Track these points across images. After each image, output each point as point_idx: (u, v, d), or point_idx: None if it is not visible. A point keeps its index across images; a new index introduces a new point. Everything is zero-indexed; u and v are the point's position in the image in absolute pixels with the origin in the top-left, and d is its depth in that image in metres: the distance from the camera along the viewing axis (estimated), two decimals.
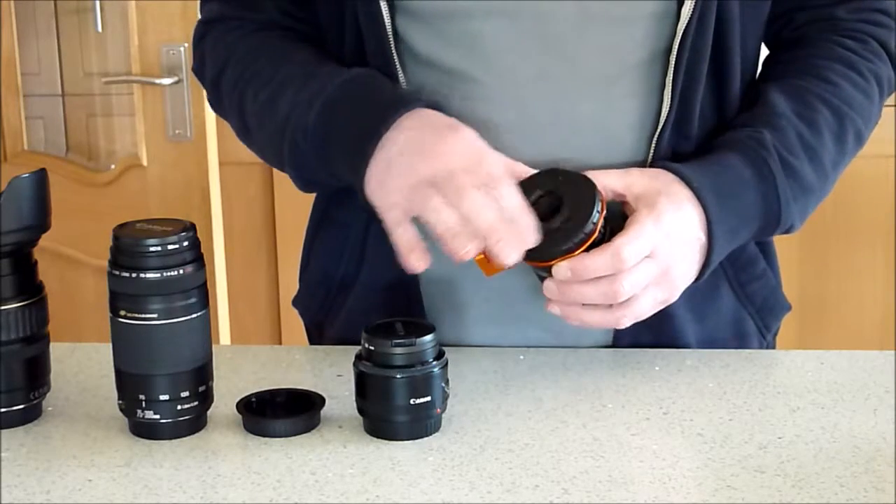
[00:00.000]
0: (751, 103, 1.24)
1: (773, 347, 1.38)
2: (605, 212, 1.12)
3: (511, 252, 1.08)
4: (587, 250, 1.11)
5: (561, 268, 1.11)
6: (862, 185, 2.59)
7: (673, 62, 1.18)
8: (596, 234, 1.11)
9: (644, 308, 1.15)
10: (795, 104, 1.22)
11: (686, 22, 1.17)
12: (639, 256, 1.11)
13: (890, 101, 1.31)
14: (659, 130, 1.20)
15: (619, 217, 1.15)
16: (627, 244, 1.11)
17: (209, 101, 1.34)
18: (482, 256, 1.11)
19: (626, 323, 1.15)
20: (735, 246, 1.20)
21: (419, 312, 1.26)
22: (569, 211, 1.11)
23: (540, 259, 1.12)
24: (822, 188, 1.23)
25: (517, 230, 1.09)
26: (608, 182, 1.14)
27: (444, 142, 1.12)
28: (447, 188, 1.09)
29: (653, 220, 1.12)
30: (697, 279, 1.18)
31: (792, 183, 1.19)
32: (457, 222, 1.08)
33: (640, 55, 1.19)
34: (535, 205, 1.12)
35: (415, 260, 1.12)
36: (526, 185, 1.14)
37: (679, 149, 1.22)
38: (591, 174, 1.14)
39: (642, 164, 1.21)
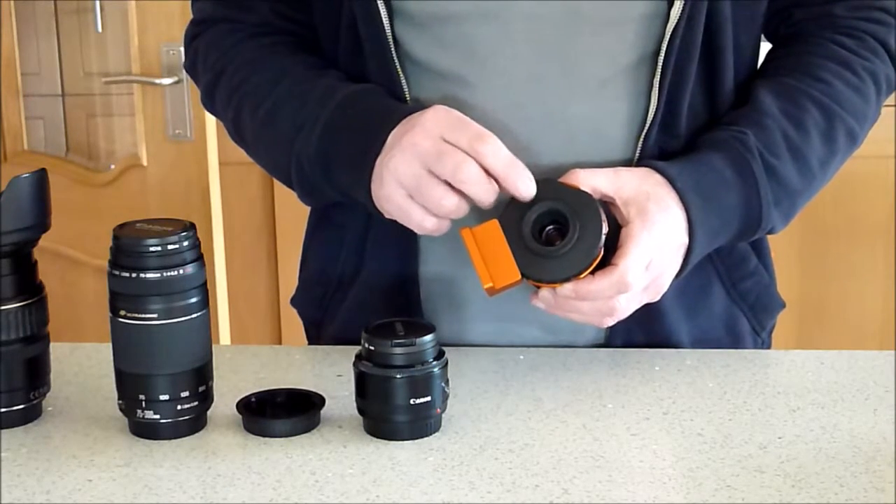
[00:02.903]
0: (741, 101, 1.24)
1: (769, 345, 1.38)
2: (607, 230, 1.12)
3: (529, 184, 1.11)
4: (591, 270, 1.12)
5: (565, 289, 1.13)
6: (862, 185, 2.59)
7: (661, 63, 1.18)
8: (601, 250, 1.12)
9: (629, 311, 1.16)
10: (783, 103, 1.22)
11: (675, 23, 1.17)
12: (640, 275, 1.12)
13: (890, 100, 1.31)
14: (646, 130, 1.20)
15: (609, 220, 1.15)
16: (632, 268, 1.11)
17: (202, 102, 1.35)
18: (491, 285, 1.12)
19: (609, 323, 1.17)
20: (714, 247, 1.21)
21: (417, 311, 1.26)
22: (577, 235, 1.11)
23: (547, 281, 1.13)
24: (807, 189, 1.23)
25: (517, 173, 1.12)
26: (597, 184, 1.14)
27: (422, 118, 1.13)
28: (440, 166, 1.10)
29: (647, 231, 1.13)
30: (675, 278, 1.18)
31: (774, 186, 1.19)
32: (456, 203, 1.11)
33: (631, 57, 1.19)
34: (535, 221, 1.12)
35: (444, 228, 1.14)
36: (520, 201, 1.14)
37: (666, 147, 1.22)
38: (579, 174, 1.14)
39: (629, 161, 1.21)
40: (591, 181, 1.14)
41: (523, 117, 1.20)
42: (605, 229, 1.12)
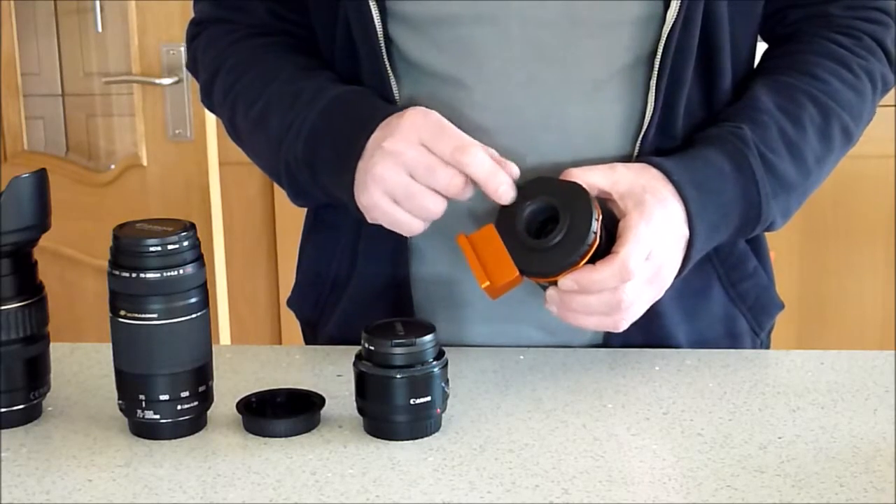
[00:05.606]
0: (738, 100, 1.24)
1: (768, 346, 1.38)
2: (601, 218, 1.12)
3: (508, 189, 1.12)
4: (589, 260, 1.11)
5: (567, 281, 1.11)
6: (862, 185, 2.59)
7: (657, 65, 1.18)
8: (596, 240, 1.11)
9: (640, 308, 1.15)
10: (780, 99, 1.22)
11: (671, 25, 1.17)
12: (641, 264, 1.12)
13: (889, 100, 1.31)
14: (643, 132, 1.20)
15: (606, 215, 1.14)
16: (632, 255, 1.11)
17: (202, 101, 1.36)
18: (488, 283, 1.12)
19: (624, 326, 1.15)
20: (716, 242, 1.20)
21: (410, 313, 1.26)
22: (568, 223, 1.11)
23: (544, 275, 1.13)
24: (804, 185, 1.23)
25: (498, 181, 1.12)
26: (593, 180, 1.14)
27: (400, 121, 1.14)
28: (427, 178, 1.11)
29: (645, 221, 1.12)
30: (678, 274, 1.17)
31: (772, 179, 1.19)
32: (444, 207, 1.12)
33: (627, 59, 1.19)
34: (529, 218, 1.13)
35: (421, 229, 1.15)
36: (516, 198, 1.14)
37: (664, 149, 1.22)
38: (574, 171, 1.14)
39: (626, 161, 1.21)
40: (586, 178, 1.14)
41: (519, 119, 1.20)
42: (596, 215, 1.11)
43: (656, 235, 1.13)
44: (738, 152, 1.18)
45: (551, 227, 1.12)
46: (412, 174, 1.12)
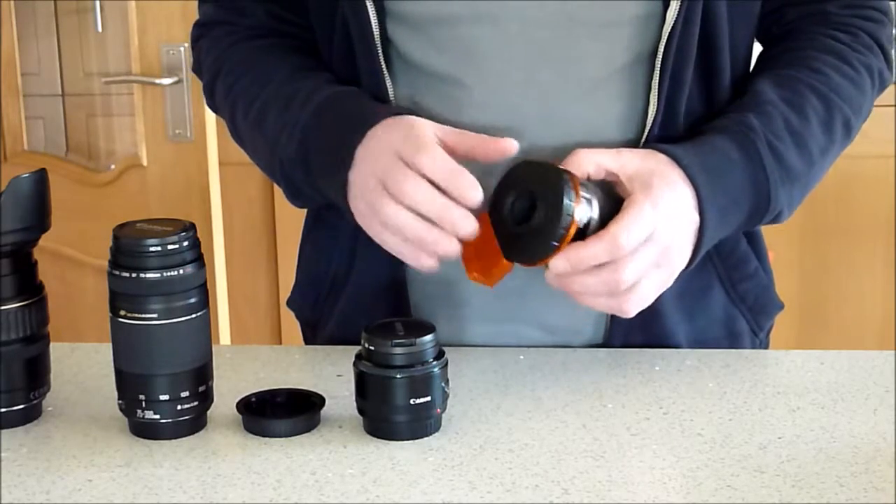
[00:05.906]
0: (740, 94, 1.24)
1: (767, 346, 1.37)
2: (581, 196, 1.09)
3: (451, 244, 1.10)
4: (581, 239, 1.10)
5: (558, 261, 1.10)
6: (862, 185, 2.59)
7: (659, 64, 1.18)
8: (575, 223, 1.09)
9: (648, 292, 1.13)
10: (783, 91, 1.22)
11: (671, 25, 1.17)
12: (638, 241, 1.10)
13: (889, 100, 1.31)
14: (647, 132, 1.20)
15: (612, 197, 1.14)
16: (625, 230, 1.09)
17: (206, 102, 1.37)
18: (476, 275, 1.12)
19: (632, 310, 1.13)
20: (726, 230, 1.19)
21: (409, 312, 1.26)
22: (545, 206, 1.10)
23: (530, 260, 1.12)
24: (808, 175, 1.22)
25: (458, 189, 1.10)
26: (602, 161, 1.14)
27: (375, 134, 1.14)
28: (388, 182, 1.11)
29: (650, 202, 1.11)
30: (689, 264, 1.16)
31: (779, 167, 1.19)
32: (415, 223, 1.10)
33: (626, 58, 1.19)
34: (513, 205, 1.12)
35: (424, 260, 1.12)
36: (501, 186, 1.14)
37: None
38: (582, 153, 1.14)
39: None
40: (594, 159, 1.13)
41: (520, 119, 1.20)
42: (572, 196, 1.09)
43: (661, 216, 1.11)
44: (745, 139, 1.18)
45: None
46: (383, 183, 1.12)
